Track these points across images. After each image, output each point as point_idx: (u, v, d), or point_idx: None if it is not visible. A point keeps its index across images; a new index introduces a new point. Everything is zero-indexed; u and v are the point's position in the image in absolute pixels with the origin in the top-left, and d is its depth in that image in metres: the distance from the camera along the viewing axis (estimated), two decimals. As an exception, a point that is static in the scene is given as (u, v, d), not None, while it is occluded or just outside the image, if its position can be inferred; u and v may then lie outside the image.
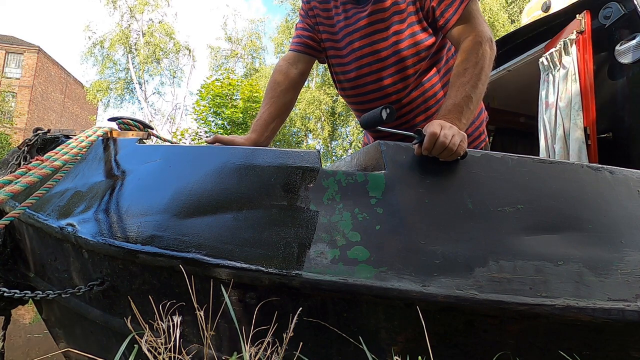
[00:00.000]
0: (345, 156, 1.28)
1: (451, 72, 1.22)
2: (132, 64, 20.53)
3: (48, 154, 1.05)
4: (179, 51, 21.58)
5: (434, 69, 1.34)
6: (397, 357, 0.77)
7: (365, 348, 0.81)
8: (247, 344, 0.78)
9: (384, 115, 0.95)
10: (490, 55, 1.17)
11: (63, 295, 1.00)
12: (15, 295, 1.03)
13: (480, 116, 1.46)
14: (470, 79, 1.11)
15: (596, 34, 2.35)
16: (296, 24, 1.55)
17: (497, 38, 3.33)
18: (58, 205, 1.10)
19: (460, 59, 1.16)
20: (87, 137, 1.14)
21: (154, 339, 0.76)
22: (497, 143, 3.96)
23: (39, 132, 1.33)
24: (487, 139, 1.50)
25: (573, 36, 2.40)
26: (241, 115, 13.79)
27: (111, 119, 1.30)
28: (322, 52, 1.47)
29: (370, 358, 0.81)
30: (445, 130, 0.92)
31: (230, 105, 13.96)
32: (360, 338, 0.84)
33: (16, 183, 0.91)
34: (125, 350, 0.79)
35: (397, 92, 1.32)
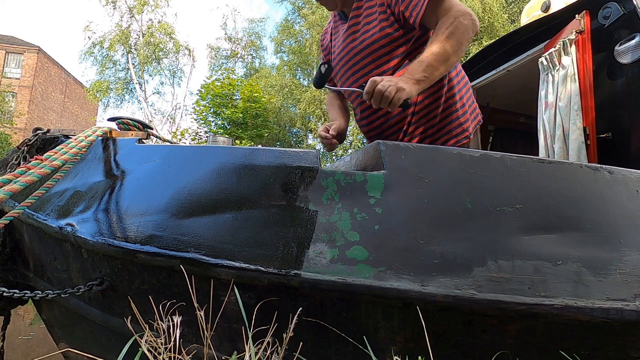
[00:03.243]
0: (344, 156, 1.29)
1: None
2: (132, 64, 20.52)
3: (47, 153, 1.05)
4: (178, 51, 21.57)
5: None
6: (397, 357, 0.77)
7: (369, 348, 0.81)
8: (247, 344, 0.78)
9: (323, 69, 1.18)
10: (466, 24, 1.17)
11: (62, 295, 1.00)
12: (15, 295, 1.03)
13: (466, 114, 1.45)
14: (437, 41, 1.15)
15: (595, 34, 2.35)
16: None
17: (497, 38, 3.33)
18: (57, 205, 1.10)
19: (435, 30, 1.21)
20: (86, 137, 1.14)
21: (154, 339, 0.76)
22: (496, 143, 3.96)
23: (38, 132, 1.33)
24: (470, 137, 1.49)
25: (572, 36, 2.40)
26: (241, 115, 13.79)
27: (111, 119, 1.30)
28: None
29: (370, 358, 0.81)
30: (384, 82, 1.05)
31: (230, 105, 13.95)
32: (359, 338, 0.84)
33: (15, 182, 0.91)
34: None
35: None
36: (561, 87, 2.47)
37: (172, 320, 0.76)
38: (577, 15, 2.41)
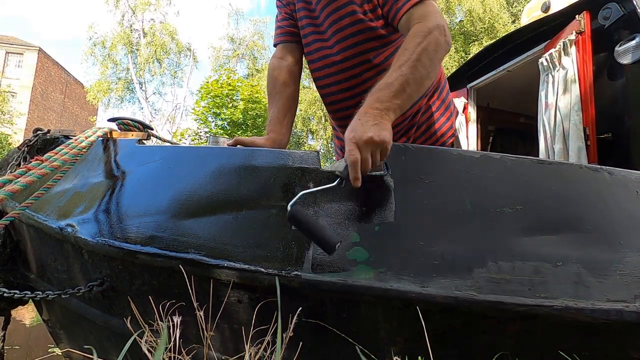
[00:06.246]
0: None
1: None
2: (133, 64, 20.52)
3: (48, 154, 1.05)
4: (180, 51, 21.58)
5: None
6: (397, 357, 0.77)
7: (369, 348, 0.82)
8: (247, 344, 0.78)
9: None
10: (440, 40, 1.04)
11: (62, 296, 1.01)
12: (15, 295, 1.03)
13: (448, 110, 1.43)
14: (409, 59, 0.99)
15: (596, 34, 2.36)
16: (276, 17, 1.51)
17: (497, 38, 3.33)
18: (58, 206, 1.10)
19: (404, 43, 1.05)
20: (86, 138, 1.14)
21: (154, 339, 0.76)
22: (496, 143, 3.97)
23: (39, 132, 1.33)
24: (455, 134, 1.46)
25: (572, 37, 2.40)
26: (241, 115, 13.78)
27: (111, 120, 1.30)
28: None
29: (370, 358, 0.81)
30: (351, 153, 0.84)
31: (230, 106, 13.95)
32: (359, 338, 0.84)
33: (16, 183, 0.91)
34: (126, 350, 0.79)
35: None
36: (561, 88, 2.47)
37: (172, 321, 0.77)
38: (577, 16, 2.42)
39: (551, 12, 2.96)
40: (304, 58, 1.47)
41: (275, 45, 1.48)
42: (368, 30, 1.24)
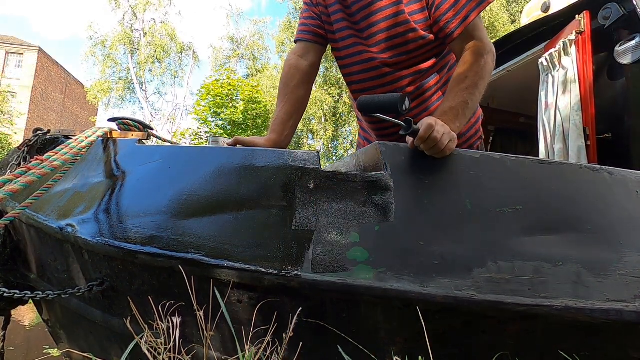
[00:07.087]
0: (345, 156, 1.27)
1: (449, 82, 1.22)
2: (134, 64, 20.52)
3: (48, 154, 1.05)
4: (180, 51, 21.57)
5: (434, 72, 1.33)
6: (397, 357, 0.77)
7: (369, 348, 0.82)
8: (247, 344, 0.78)
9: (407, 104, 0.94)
10: (491, 67, 1.19)
11: (63, 296, 1.01)
12: (15, 295, 1.03)
13: (476, 113, 1.46)
14: (469, 85, 1.13)
15: (596, 34, 2.36)
16: (301, 12, 1.49)
17: (497, 38, 3.33)
18: (58, 206, 1.10)
19: (462, 67, 1.17)
20: (87, 138, 1.14)
21: (154, 339, 0.76)
22: (496, 143, 3.96)
23: (39, 132, 1.33)
24: (482, 137, 1.52)
25: (572, 37, 2.40)
26: (241, 115, 13.79)
27: (111, 120, 1.30)
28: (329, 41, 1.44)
29: (370, 358, 0.81)
30: (438, 126, 0.93)
31: (230, 106, 13.96)
32: (359, 338, 0.84)
33: (16, 183, 0.91)
34: (125, 350, 0.80)
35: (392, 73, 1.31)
36: (561, 88, 2.48)
37: (172, 321, 0.77)
38: (577, 16, 2.41)
39: (551, 12, 2.96)
40: (324, 57, 1.47)
41: (296, 42, 1.47)
42: (420, 39, 1.26)
